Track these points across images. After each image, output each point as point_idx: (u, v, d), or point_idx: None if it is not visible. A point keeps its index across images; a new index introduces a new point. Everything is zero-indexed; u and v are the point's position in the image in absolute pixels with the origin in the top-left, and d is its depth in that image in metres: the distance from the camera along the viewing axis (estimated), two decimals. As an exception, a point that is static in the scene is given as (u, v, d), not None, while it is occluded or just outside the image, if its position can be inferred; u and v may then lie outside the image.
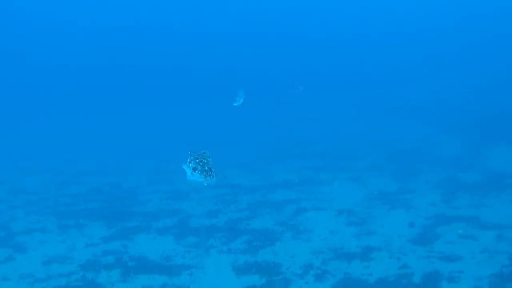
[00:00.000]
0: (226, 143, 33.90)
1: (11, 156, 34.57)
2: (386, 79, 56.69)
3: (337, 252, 14.48)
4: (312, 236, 15.89)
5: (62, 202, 22.06)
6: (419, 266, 13.25)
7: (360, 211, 17.97)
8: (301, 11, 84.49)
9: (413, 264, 13.42)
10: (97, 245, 16.34)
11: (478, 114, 35.96)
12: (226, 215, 18.49)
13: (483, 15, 73.43)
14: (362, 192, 20.44)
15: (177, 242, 16.15)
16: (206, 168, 8.70)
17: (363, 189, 20.82)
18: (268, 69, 68.04)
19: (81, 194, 23.43)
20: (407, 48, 70.44)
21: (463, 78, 51.29)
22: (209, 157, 8.96)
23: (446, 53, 64.42)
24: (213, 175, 8.72)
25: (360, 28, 78.96)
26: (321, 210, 18.47)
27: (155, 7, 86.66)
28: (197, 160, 8.78)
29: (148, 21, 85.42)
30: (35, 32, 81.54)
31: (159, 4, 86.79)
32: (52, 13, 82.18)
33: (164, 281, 13.32)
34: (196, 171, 8.64)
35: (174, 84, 65.93)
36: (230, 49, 78.93)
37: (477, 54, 61.69)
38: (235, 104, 15.13)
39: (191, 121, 43.45)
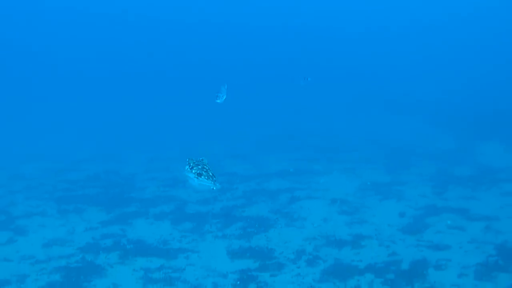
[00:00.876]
0: (222, 134, 34.26)
1: (10, 143, 34.89)
2: (382, 75, 56.97)
3: (329, 239, 14.92)
4: (305, 224, 16.33)
5: (61, 188, 22.47)
6: (408, 254, 13.69)
7: (353, 201, 18.38)
8: (303, 5, 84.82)
9: (402, 252, 13.87)
10: (96, 229, 16.78)
11: (472, 111, 36.31)
12: (222, 203, 18.90)
13: (480, 14, 73.76)
14: (356, 183, 20.83)
15: (173, 227, 16.59)
16: (210, 173, 8.97)
17: (356, 180, 21.20)
18: (266, 63, 68.34)
19: (80, 180, 23.82)
20: (404, 45, 70.71)
21: (458, 75, 51.64)
22: (207, 164, 9.27)
23: (442, 51, 64.75)
24: (217, 180, 9.03)
25: (359, 24, 79.21)
26: (315, 199, 18.88)
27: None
28: (200, 167, 9.03)
29: (150, 12, 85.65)
30: (35, 23, 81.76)
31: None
32: (51, 3, 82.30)
33: (162, 263, 13.77)
34: (202, 177, 8.90)
35: (172, 75, 66.19)
36: (228, 41, 79.15)
37: (472, 52, 62.05)
38: (218, 100, 15.33)
39: (188, 112, 43.72)
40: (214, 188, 8.94)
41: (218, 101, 15.03)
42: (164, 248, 14.91)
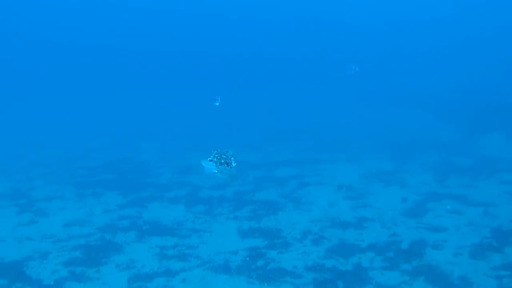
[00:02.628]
0: (233, 126, 35.07)
1: (26, 132, 35.83)
2: (387, 68, 57.43)
3: (334, 221, 15.77)
4: (312, 207, 17.18)
5: (78, 174, 23.40)
6: (408, 235, 14.51)
7: (358, 187, 19.21)
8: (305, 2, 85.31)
9: (402, 233, 14.69)
10: (113, 211, 17.67)
11: (475, 104, 36.87)
12: (234, 188, 19.76)
13: (486, 8, 73.96)
14: (361, 171, 21.63)
15: (187, 210, 17.47)
16: (222, 161, 9.86)
17: (362, 169, 22.00)
18: (273, 57, 68.91)
19: (96, 167, 24.76)
20: (410, 38, 71.04)
21: (462, 69, 52.08)
22: (232, 156, 10.13)
23: (446, 45, 65.11)
24: (229, 167, 9.91)
25: (365, 18, 79.58)
26: (321, 185, 19.74)
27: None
28: (217, 155, 9.95)
29: (167, 6, 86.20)
30: (47, 14, 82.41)
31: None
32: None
33: (176, 242, 14.65)
34: (211, 162, 9.80)
35: (183, 69, 66.87)
36: (230, 31, 79.77)
37: (475, 46, 62.39)
38: (216, 103, 16.25)
39: (198, 105, 44.38)
40: (216, 171, 9.82)
41: (217, 103, 15.99)
42: (178, 228, 15.79)
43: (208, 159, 10.00)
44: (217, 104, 16.42)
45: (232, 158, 10.17)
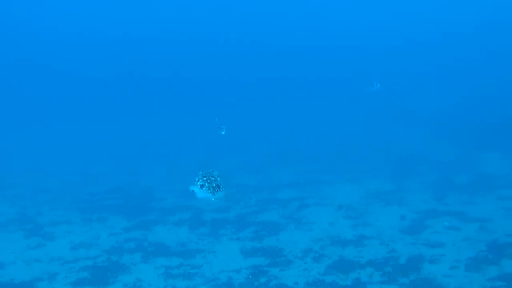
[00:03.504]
0: (235, 149, 35.46)
1: (31, 158, 36.24)
2: (386, 86, 57.59)
3: (334, 240, 16.19)
4: (313, 227, 17.60)
5: (83, 200, 23.76)
6: (406, 251, 14.93)
7: (358, 207, 19.61)
8: (306, 15, 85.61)
9: (400, 249, 15.11)
10: (119, 234, 18.08)
11: (474, 122, 37.26)
12: (236, 210, 20.19)
13: (487, 26, 74.33)
14: (361, 191, 22.03)
15: (191, 232, 17.88)
16: (214, 184, 9.93)
17: (362, 189, 22.39)
18: (271, 75, 69.24)
19: (101, 193, 25.12)
20: (408, 56, 71.33)
21: (461, 87, 52.41)
22: (218, 176, 10.30)
23: (445, 63, 65.41)
24: (221, 191, 10.03)
25: (364, 35, 79.94)
26: (322, 206, 20.15)
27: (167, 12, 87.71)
28: (205, 178, 10.04)
29: (161, 27, 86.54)
30: (51, 36, 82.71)
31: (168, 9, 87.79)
32: (70, 16, 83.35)
33: (181, 262, 15.07)
34: (204, 188, 9.94)
35: (184, 89, 67.18)
36: (232, 54, 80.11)
37: (476, 65, 62.72)
38: (222, 132, 16.80)
39: (201, 128, 44.73)
40: (213, 199, 9.93)
41: (223, 132, 16.54)
42: (183, 249, 16.20)
43: (199, 183, 10.10)
44: (223, 133, 16.94)
45: (218, 179, 10.23)
